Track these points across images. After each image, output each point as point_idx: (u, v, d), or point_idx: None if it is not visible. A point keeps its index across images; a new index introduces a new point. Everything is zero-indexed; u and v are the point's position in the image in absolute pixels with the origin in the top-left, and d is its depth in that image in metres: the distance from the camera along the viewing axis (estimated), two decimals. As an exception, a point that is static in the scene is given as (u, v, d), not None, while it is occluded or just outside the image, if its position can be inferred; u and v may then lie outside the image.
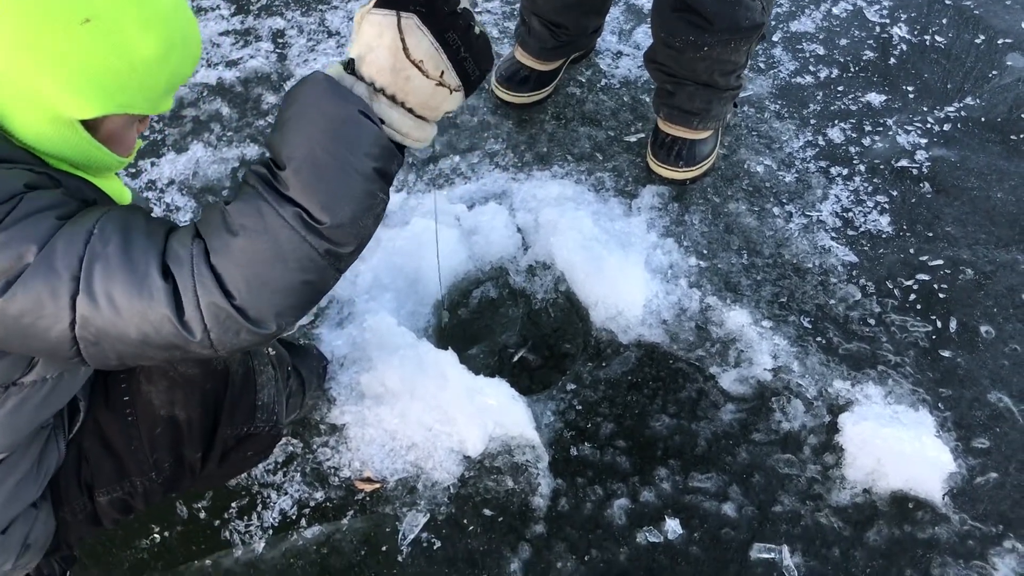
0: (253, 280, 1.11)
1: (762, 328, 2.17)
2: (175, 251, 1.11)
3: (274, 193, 1.11)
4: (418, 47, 1.18)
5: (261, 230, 1.10)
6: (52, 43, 1.07)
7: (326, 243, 1.13)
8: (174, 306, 1.09)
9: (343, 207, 1.13)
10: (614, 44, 2.88)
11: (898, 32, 2.94)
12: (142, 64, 1.14)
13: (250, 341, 1.15)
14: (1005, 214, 2.43)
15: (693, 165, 2.47)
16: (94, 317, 1.08)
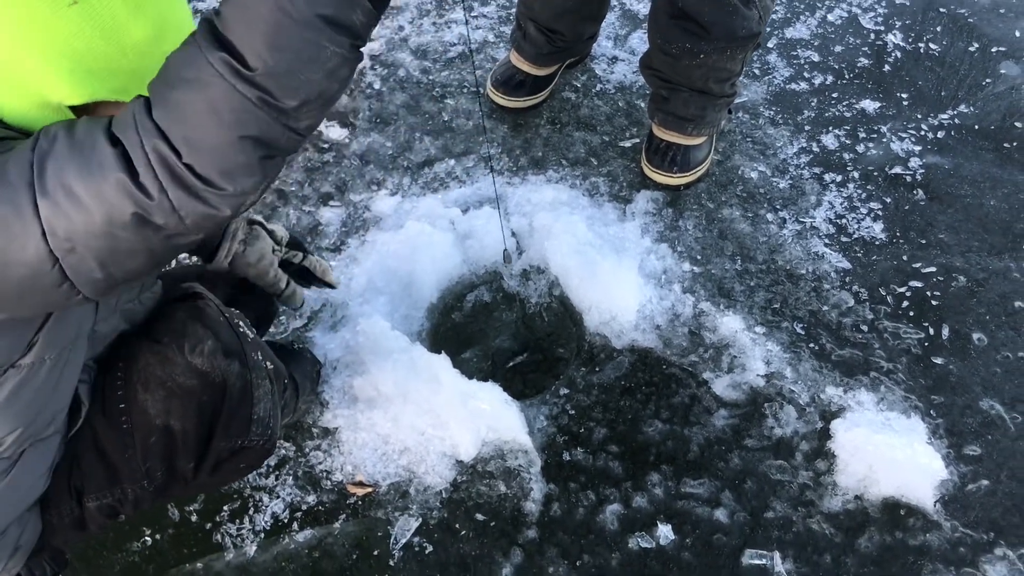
0: (191, 135, 1.02)
1: (755, 334, 2.17)
2: (119, 118, 1.04)
3: (210, 37, 1.00)
4: None
5: (195, 79, 1.00)
6: (38, 24, 1.03)
7: (259, 91, 1.00)
8: (127, 169, 1.02)
9: (277, 55, 1.00)
10: (609, 49, 2.88)
11: (893, 39, 2.95)
12: (133, 48, 1.11)
13: (216, 208, 1.07)
14: (998, 221, 2.43)
15: (687, 171, 2.47)
16: (58, 217, 1.02)
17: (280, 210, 2.42)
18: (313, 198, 2.45)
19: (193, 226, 1.07)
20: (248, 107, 1.01)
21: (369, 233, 2.35)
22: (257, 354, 1.60)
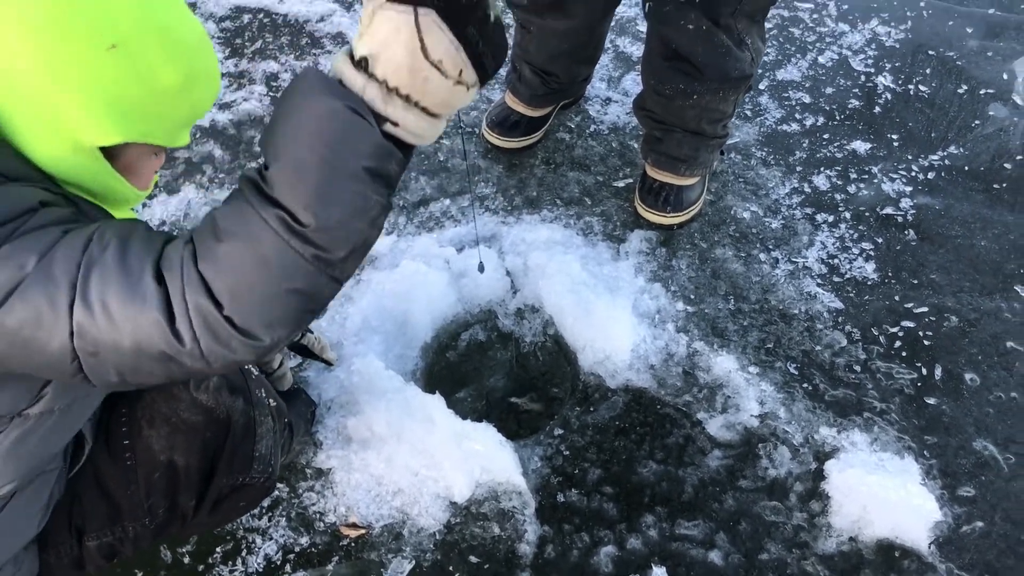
0: (237, 288, 1.05)
1: (749, 374, 2.18)
2: (169, 256, 1.07)
3: (259, 195, 1.05)
4: (437, 46, 1.07)
5: (246, 234, 1.04)
6: (77, 67, 1.06)
7: (312, 248, 1.05)
8: (166, 311, 1.04)
9: (329, 209, 1.04)
10: (603, 91, 2.92)
11: (883, 81, 2.99)
12: (164, 94, 1.14)
13: (243, 355, 1.09)
14: (989, 262, 2.45)
15: (680, 210, 2.49)
16: (90, 326, 1.04)
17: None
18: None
19: (217, 369, 1.10)
20: (299, 262, 1.04)
21: (364, 272, 2.36)
22: (261, 391, 1.61)
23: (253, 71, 2.95)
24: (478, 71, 1.12)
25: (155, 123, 1.16)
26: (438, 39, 1.06)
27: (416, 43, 1.06)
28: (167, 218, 2.50)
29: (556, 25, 2.37)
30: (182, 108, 1.18)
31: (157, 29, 1.12)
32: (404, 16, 1.05)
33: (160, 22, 1.12)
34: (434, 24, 1.05)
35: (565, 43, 2.45)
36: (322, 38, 3.07)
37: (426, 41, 1.06)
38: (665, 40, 2.20)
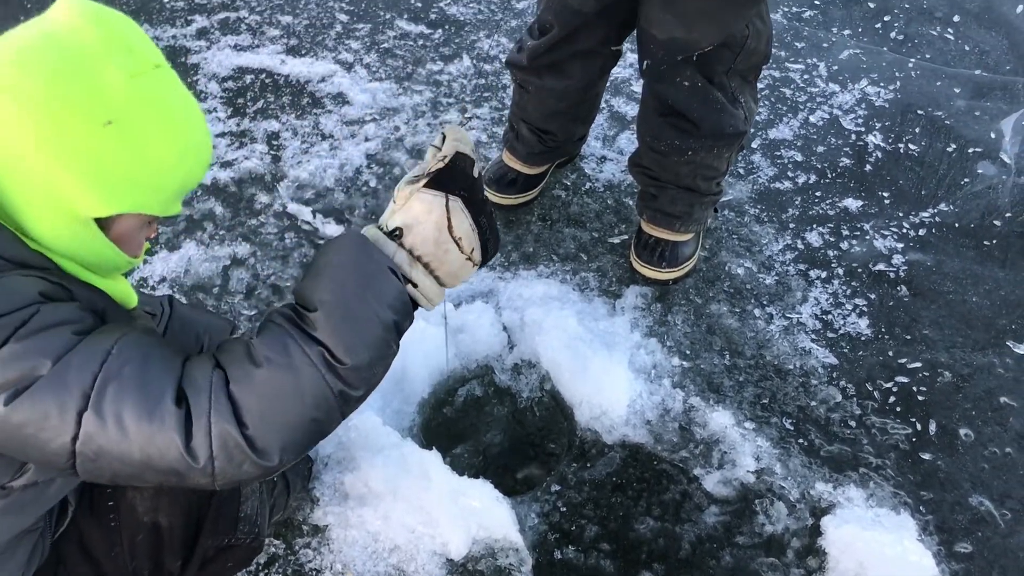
0: (268, 411, 1.15)
1: (745, 429, 2.19)
2: (193, 378, 1.15)
3: (301, 332, 1.19)
4: (460, 226, 1.34)
5: (286, 364, 1.17)
6: (75, 143, 1.11)
7: (341, 384, 1.19)
8: (183, 432, 1.11)
9: (363, 352, 1.20)
10: (598, 149, 2.97)
11: (873, 140, 3.05)
12: (158, 166, 1.19)
13: (250, 474, 1.17)
14: (980, 318, 2.48)
15: (676, 266, 2.52)
16: (98, 435, 1.09)
17: (275, 305, 2.45)
18: (308, 293, 2.49)
19: (219, 486, 1.18)
20: (328, 396, 1.19)
21: (362, 328, 2.38)
22: None
23: (255, 130, 3.00)
24: (492, 245, 1.41)
25: (149, 194, 1.21)
26: (461, 221, 1.34)
27: (444, 222, 1.32)
28: (167, 275, 2.52)
29: (554, 85, 2.43)
30: (175, 180, 1.23)
31: (150, 104, 1.17)
32: (438, 199, 1.32)
33: (153, 97, 1.17)
34: (459, 209, 1.33)
35: (562, 103, 2.51)
36: (323, 98, 3.14)
37: (452, 221, 1.33)
38: (661, 97, 2.25)
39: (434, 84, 3.22)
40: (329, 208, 2.74)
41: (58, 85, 1.10)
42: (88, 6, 1.17)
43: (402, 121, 3.05)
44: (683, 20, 2.02)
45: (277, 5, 3.57)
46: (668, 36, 2.07)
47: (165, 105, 1.19)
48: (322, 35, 3.43)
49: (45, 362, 1.08)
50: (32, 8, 3.54)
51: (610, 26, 2.25)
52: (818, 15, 3.66)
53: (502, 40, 3.42)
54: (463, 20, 3.53)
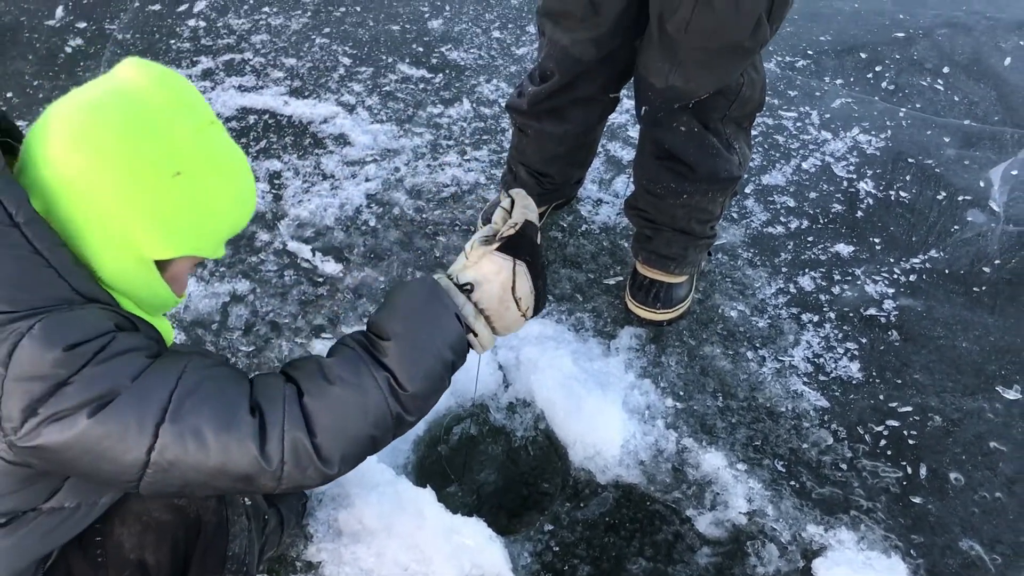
0: (335, 423, 1.29)
1: (737, 471, 2.21)
2: (265, 391, 1.29)
3: (372, 358, 1.35)
4: (521, 288, 1.52)
5: (356, 384, 1.31)
6: (147, 191, 1.23)
7: (400, 407, 1.34)
8: (259, 438, 1.23)
9: (423, 382, 1.36)
10: (595, 192, 3.02)
11: (864, 187, 3.10)
12: (216, 213, 1.33)
13: (312, 480, 1.29)
14: (970, 363, 2.51)
15: (670, 307, 2.56)
16: (174, 445, 1.19)
17: (273, 342, 2.48)
18: (306, 330, 2.52)
19: (283, 489, 1.30)
20: (387, 416, 1.34)
21: (359, 365, 2.40)
22: None
23: (257, 170, 3.05)
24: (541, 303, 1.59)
25: (206, 239, 1.34)
26: (523, 284, 1.52)
27: (510, 284, 1.51)
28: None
29: (553, 130, 2.48)
30: (229, 225, 1.38)
31: (213, 157, 1.30)
32: (507, 263, 1.51)
33: (213, 150, 1.31)
34: (523, 273, 1.52)
35: (561, 147, 2.55)
36: (325, 139, 3.19)
37: (516, 283, 1.51)
38: (658, 141, 2.30)
39: (434, 127, 3.27)
40: (328, 247, 2.77)
41: (133, 139, 1.21)
42: (152, 67, 1.29)
43: (402, 162, 3.10)
44: (681, 70, 2.08)
45: (281, 48, 3.65)
46: (666, 85, 2.12)
47: (223, 157, 1.33)
48: (325, 77, 3.49)
49: (125, 380, 1.18)
50: (40, 46, 3.61)
51: (610, 74, 2.30)
52: (811, 64, 3.74)
53: (501, 85, 3.49)
54: (463, 65, 3.60)
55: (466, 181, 3.05)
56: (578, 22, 2.15)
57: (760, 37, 2.01)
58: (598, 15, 2.10)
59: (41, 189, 1.21)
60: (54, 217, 1.22)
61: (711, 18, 1.93)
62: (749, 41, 2.00)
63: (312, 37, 3.72)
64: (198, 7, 3.88)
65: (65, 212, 1.22)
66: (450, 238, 2.83)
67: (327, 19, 3.84)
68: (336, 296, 2.63)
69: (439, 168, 3.09)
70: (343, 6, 3.93)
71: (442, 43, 3.72)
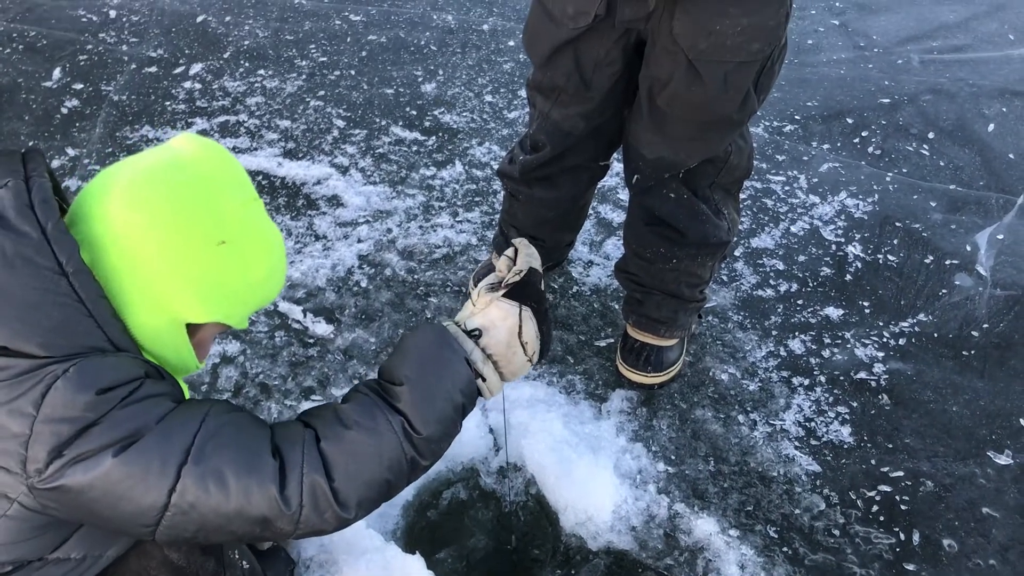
0: (352, 467, 1.31)
1: (729, 537, 2.19)
2: (286, 436, 1.32)
3: (385, 403, 1.38)
4: (528, 333, 1.55)
5: (372, 428, 1.34)
6: (192, 257, 1.30)
7: (414, 451, 1.37)
8: (279, 482, 1.25)
9: (436, 425, 1.39)
10: (586, 254, 3.04)
11: (853, 251, 3.13)
12: (252, 283, 1.40)
13: (329, 524, 1.31)
14: (961, 428, 2.51)
15: (661, 370, 2.56)
16: (197, 487, 1.21)
17: (262, 403, 2.46)
18: (295, 392, 2.50)
19: (299, 535, 1.32)
20: (402, 460, 1.36)
21: (349, 428, 2.39)
22: (234, 553, 1.61)
23: (250, 229, 3.06)
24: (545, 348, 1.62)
25: (238, 307, 1.42)
26: (529, 328, 1.55)
27: (516, 329, 1.54)
28: (157, 370, 2.53)
29: (543, 196, 2.51)
30: (260, 297, 1.45)
31: (254, 230, 1.39)
32: (513, 309, 1.55)
33: (257, 224, 1.40)
34: (529, 318, 1.55)
35: (551, 212, 2.58)
36: (318, 200, 3.22)
37: (523, 327, 1.55)
38: (647, 208, 2.33)
39: (427, 188, 3.30)
40: (320, 307, 2.78)
41: (185, 205, 1.29)
42: (206, 141, 1.38)
43: (395, 223, 3.12)
44: (670, 142, 2.12)
45: (276, 110, 3.69)
46: (656, 156, 2.16)
47: (264, 231, 1.41)
48: (319, 139, 3.53)
49: (150, 422, 1.21)
50: (36, 107, 3.65)
51: (599, 144, 2.34)
52: (798, 130, 3.80)
53: (493, 148, 3.53)
54: (456, 128, 3.65)
55: (458, 242, 3.07)
56: (569, 97, 2.19)
57: (748, 109, 2.05)
58: (589, 90, 2.14)
59: (91, 243, 1.27)
60: (99, 270, 1.27)
61: (700, 93, 1.97)
62: (738, 114, 2.04)
63: (306, 100, 3.77)
64: (194, 69, 3.94)
65: (110, 266, 1.27)
66: (442, 299, 2.84)
67: (321, 82, 3.90)
68: (327, 357, 2.62)
69: (431, 229, 3.12)
70: (338, 69, 4.00)
71: (435, 106, 3.78)
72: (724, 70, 1.94)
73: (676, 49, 1.94)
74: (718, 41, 1.90)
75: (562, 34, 2.07)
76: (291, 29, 4.29)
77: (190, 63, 3.99)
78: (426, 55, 4.15)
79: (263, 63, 4.02)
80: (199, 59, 4.03)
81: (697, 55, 1.92)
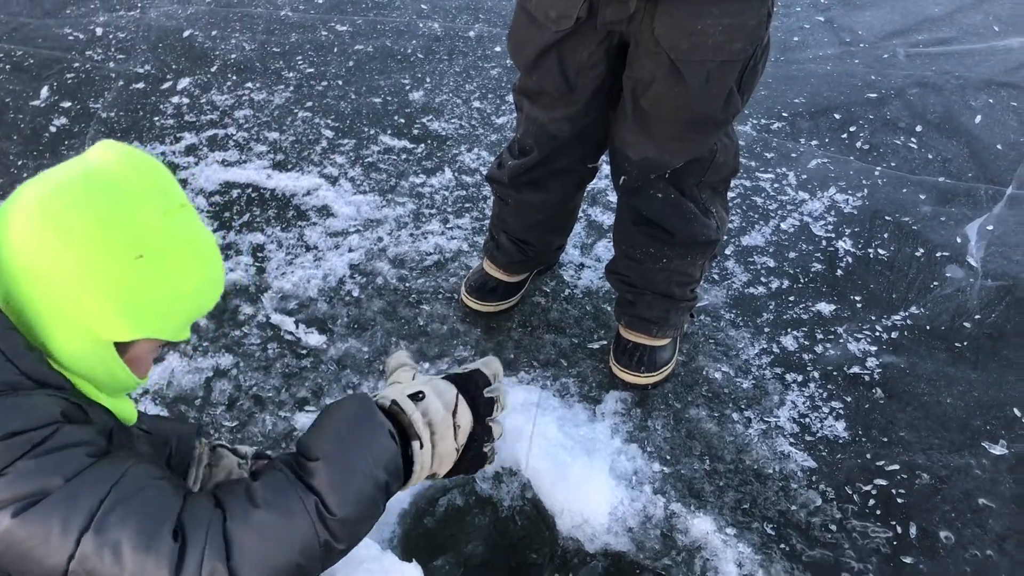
0: (259, 551, 1.21)
1: (726, 535, 2.19)
2: (194, 513, 1.22)
3: (300, 480, 1.29)
4: (463, 416, 1.55)
5: (282, 507, 1.25)
6: (109, 273, 1.21)
7: (328, 534, 1.27)
8: (175, 565, 1.16)
9: (353, 506, 1.30)
10: (577, 257, 3.04)
11: (843, 246, 3.14)
12: (179, 296, 1.30)
13: None
14: (955, 419, 2.51)
15: (654, 371, 2.56)
16: (92, 558, 1.13)
17: (256, 416, 2.46)
18: (289, 403, 2.50)
19: None
20: (315, 543, 1.26)
21: (344, 438, 2.39)
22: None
23: (240, 243, 3.07)
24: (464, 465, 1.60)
25: (168, 321, 1.31)
26: (464, 411, 1.55)
27: (453, 405, 1.54)
28: (150, 386, 2.54)
29: (532, 199, 2.51)
30: (191, 308, 1.35)
31: (177, 240, 1.28)
32: (452, 387, 1.57)
33: (180, 234, 1.29)
34: (465, 408, 1.56)
35: (541, 215, 2.58)
36: (308, 211, 3.22)
37: (458, 408, 1.54)
38: (635, 209, 2.33)
39: (416, 196, 3.31)
40: (312, 318, 2.77)
41: (100, 220, 1.20)
42: (125, 149, 1.29)
43: (385, 232, 3.13)
44: (655, 143, 2.12)
45: (264, 122, 3.70)
46: (641, 157, 2.16)
47: (190, 241, 1.31)
48: (308, 150, 3.53)
49: (57, 480, 1.12)
50: (24, 126, 3.65)
51: (586, 147, 2.35)
52: (786, 126, 3.81)
53: (482, 153, 3.54)
54: (445, 135, 3.65)
55: (449, 249, 3.07)
56: (554, 100, 2.19)
57: (731, 109, 2.05)
58: (573, 93, 2.15)
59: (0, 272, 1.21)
60: (13, 299, 1.21)
61: (683, 93, 1.98)
62: (721, 114, 2.05)
63: (295, 111, 3.78)
64: (181, 84, 3.94)
65: (24, 294, 1.21)
66: (434, 306, 2.84)
67: (309, 93, 3.91)
68: (320, 368, 2.62)
69: (422, 237, 3.12)
70: (325, 80, 4.00)
71: (423, 114, 3.78)
72: (706, 70, 1.94)
73: (658, 50, 1.95)
74: (700, 41, 1.90)
75: (545, 37, 2.07)
76: (278, 41, 4.29)
77: (177, 78, 3.99)
78: (413, 63, 4.16)
79: (250, 76, 4.02)
80: (186, 74, 4.03)
81: (679, 55, 1.93)
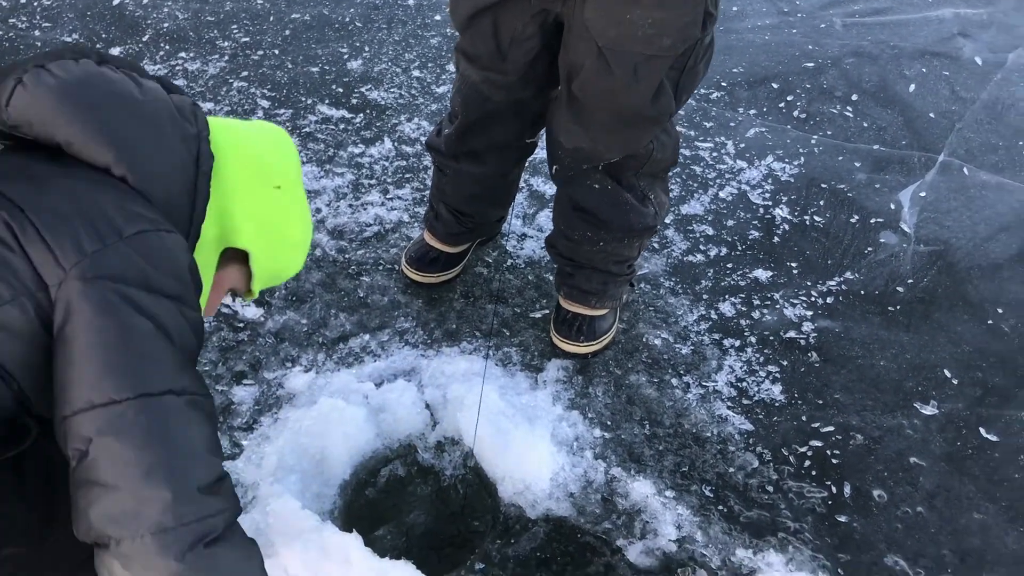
0: None
1: (665, 498, 2.21)
2: None
3: None
4: None
5: None
6: (256, 192, 1.55)
7: None
8: None
9: None
10: (519, 227, 3.03)
11: (780, 213, 3.17)
12: (286, 242, 1.64)
13: None
14: (888, 381, 2.57)
15: (593, 340, 2.57)
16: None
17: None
18: (227, 377, 2.46)
19: None
20: None
21: (282, 411, 2.36)
22: None
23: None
24: None
25: (269, 258, 1.60)
26: None
27: None
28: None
29: (471, 170, 2.49)
30: (287, 260, 1.67)
31: (300, 198, 1.65)
32: None
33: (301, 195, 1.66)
34: None
35: (479, 187, 2.57)
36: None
37: None
38: (571, 197, 2.33)
39: (356, 166, 3.26)
40: (249, 291, 2.73)
41: (256, 155, 1.57)
42: None
43: (323, 203, 3.08)
44: (588, 132, 2.11)
45: (199, 92, 3.61)
46: (574, 146, 2.15)
47: (304, 204, 1.68)
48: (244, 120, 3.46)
49: (150, 328, 1.24)
50: None
51: (523, 121, 2.33)
52: (725, 96, 3.83)
53: (422, 123, 3.50)
54: (384, 104, 3.61)
55: (389, 220, 3.04)
56: (486, 63, 2.17)
57: (663, 107, 2.03)
58: (505, 62, 2.13)
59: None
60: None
61: (610, 83, 1.96)
62: (651, 110, 2.03)
63: (230, 81, 3.69)
64: (112, 52, 3.82)
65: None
66: (374, 278, 2.81)
67: (244, 63, 3.82)
68: (257, 340, 2.58)
69: (361, 208, 3.08)
70: (260, 49, 3.92)
71: (362, 83, 3.73)
72: (634, 62, 1.92)
73: (588, 36, 1.93)
74: (628, 31, 1.88)
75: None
76: (212, 10, 4.19)
77: (107, 47, 3.87)
78: (351, 32, 4.09)
79: (184, 45, 3.92)
80: (117, 43, 3.91)
81: (607, 43, 1.91)
